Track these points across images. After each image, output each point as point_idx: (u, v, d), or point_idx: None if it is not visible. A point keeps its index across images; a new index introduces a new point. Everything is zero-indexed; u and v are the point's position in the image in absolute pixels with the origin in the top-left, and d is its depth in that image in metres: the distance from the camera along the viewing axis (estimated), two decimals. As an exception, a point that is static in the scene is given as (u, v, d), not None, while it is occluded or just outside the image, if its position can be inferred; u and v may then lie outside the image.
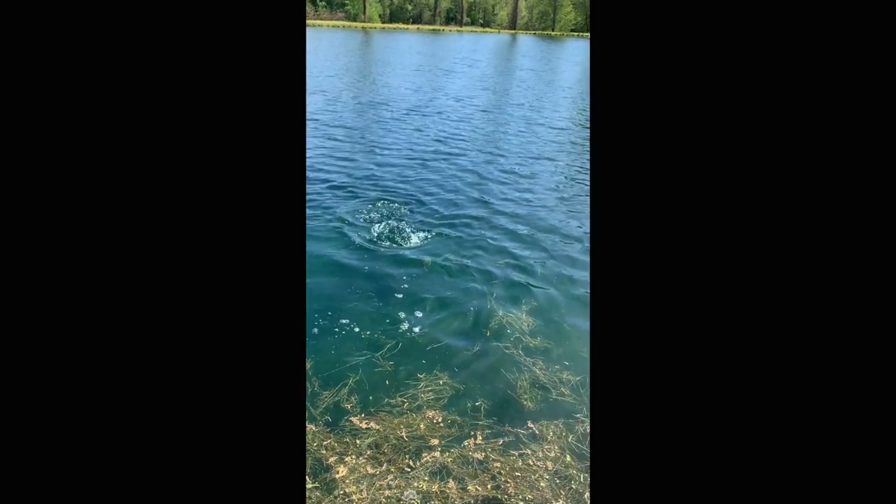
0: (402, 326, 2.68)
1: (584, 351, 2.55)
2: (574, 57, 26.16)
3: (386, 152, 6.19)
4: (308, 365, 2.34)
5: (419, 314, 2.80)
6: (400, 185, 4.99)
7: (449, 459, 1.91)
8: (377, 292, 2.98)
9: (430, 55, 23.16)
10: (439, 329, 2.68)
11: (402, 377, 2.31)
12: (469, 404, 2.18)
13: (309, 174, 5.07)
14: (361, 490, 1.76)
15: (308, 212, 4.11)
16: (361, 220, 4.04)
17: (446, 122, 8.19)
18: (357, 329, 2.63)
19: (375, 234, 3.72)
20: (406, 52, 24.38)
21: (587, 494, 1.79)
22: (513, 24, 69.47)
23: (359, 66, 16.76)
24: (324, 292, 2.95)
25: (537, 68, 18.91)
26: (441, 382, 2.29)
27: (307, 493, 1.74)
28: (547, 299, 3.03)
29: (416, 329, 2.67)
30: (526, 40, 43.20)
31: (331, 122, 7.67)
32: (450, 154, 6.27)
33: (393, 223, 3.94)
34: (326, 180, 5.00)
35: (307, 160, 5.70)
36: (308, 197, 4.50)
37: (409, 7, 74.55)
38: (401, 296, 2.96)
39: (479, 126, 8.05)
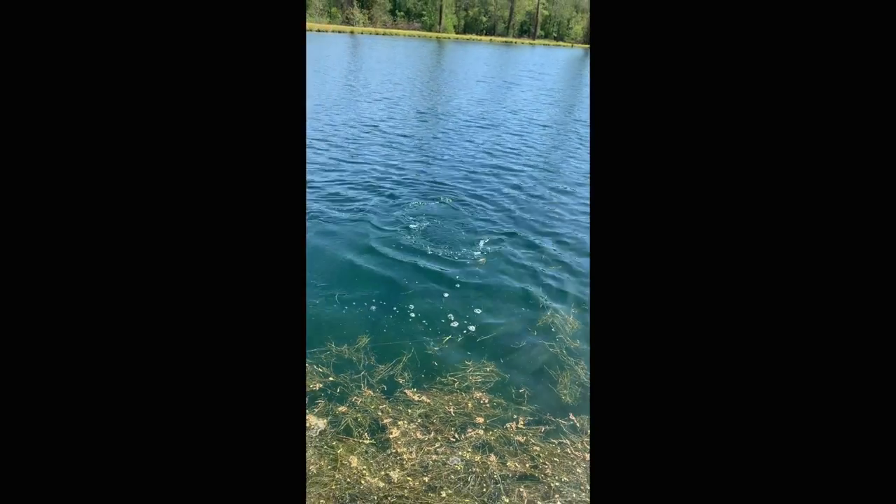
0: (454, 317, 2.88)
1: None
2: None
3: (440, 162, 6.45)
4: (366, 340, 2.59)
5: (472, 308, 2.98)
6: (456, 193, 5.21)
7: (492, 437, 2.07)
8: (431, 288, 3.20)
9: (498, 66, 23.43)
10: (490, 324, 2.85)
11: (452, 361, 2.50)
12: (513, 391, 2.34)
13: (361, 178, 5.38)
14: (412, 452, 1.97)
15: (363, 214, 4.42)
16: (418, 224, 4.29)
17: (504, 135, 8.35)
18: (413, 315, 2.85)
19: (430, 237, 3.95)
20: (473, 63, 24.79)
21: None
22: (587, 39, 68.48)
23: (426, 75, 17.30)
24: (383, 278, 3.21)
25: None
26: (488, 370, 2.46)
27: (365, 448, 1.96)
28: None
29: (468, 320, 2.85)
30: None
31: (389, 130, 8.04)
32: (502, 168, 6.42)
33: (447, 227, 4.16)
34: (378, 186, 5.32)
35: (365, 164, 6.06)
36: (363, 200, 4.83)
37: (484, 19, 75.53)
38: (455, 292, 3.16)
39: (537, 141, 8.14)
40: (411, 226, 4.13)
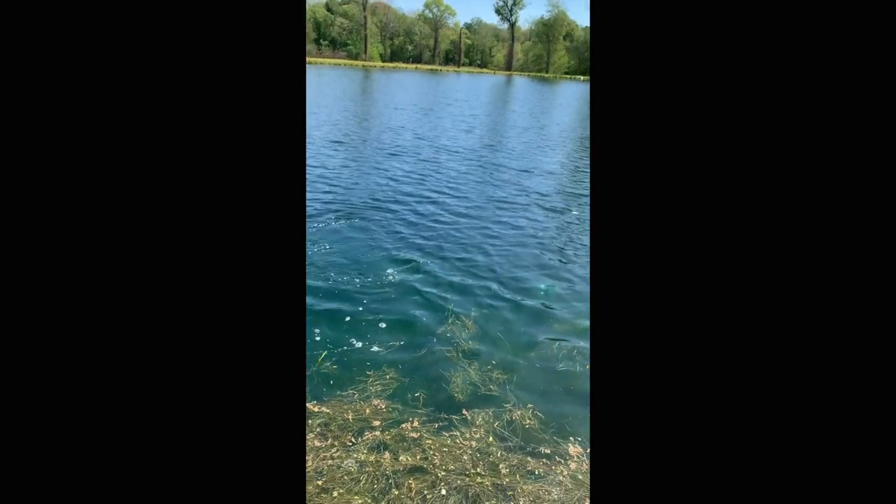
0: (357, 336, 3.02)
1: (512, 353, 2.91)
2: (535, 99, 27.21)
3: (346, 191, 6.61)
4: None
5: (377, 325, 3.14)
6: (362, 219, 5.39)
7: (387, 437, 2.22)
8: (336, 310, 3.33)
9: (421, 93, 24.15)
10: (393, 338, 3.02)
11: (353, 374, 2.64)
12: (410, 395, 2.51)
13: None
14: (308, 460, 2.07)
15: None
16: (319, 249, 4.42)
17: (416, 161, 8.64)
18: (319, 338, 2.96)
19: (330, 257, 4.09)
20: (395, 90, 25.36)
21: (502, 465, 2.10)
22: (509, 66, 72.17)
23: (346, 103, 17.51)
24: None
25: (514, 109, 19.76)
26: (388, 378, 2.62)
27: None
28: (491, 310, 3.39)
29: (370, 338, 3.01)
30: (520, 81, 44.92)
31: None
32: (409, 194, 6.69)
33: (350, 252, 4.33)
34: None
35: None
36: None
37: (410, 47, 77.51)
38: (358, 313, 3.31)
39: (446, 167, 8.53)
40: (313, 252, 4.23)
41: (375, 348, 2.87)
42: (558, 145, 10.86)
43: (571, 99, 26.44)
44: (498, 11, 71.80)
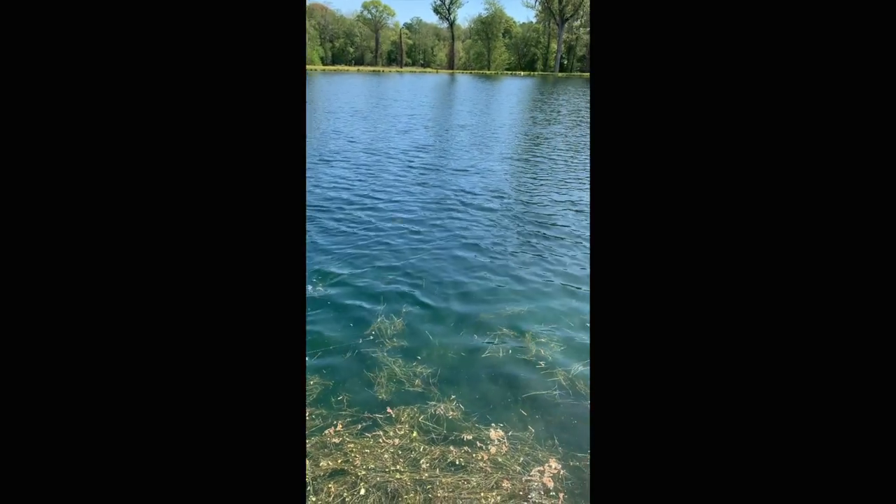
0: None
1: (439, 349, 2.95)
2: (472, 95, 27.64)
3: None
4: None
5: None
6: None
7: (308, 446, 2.20)
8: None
9: (361, 95, 23.91)
10: (317, 343, 2.99)
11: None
12: (334, 399, 2.49)
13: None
14: (223, 476, 2.02)
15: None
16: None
17: (346, 168, 8.57)
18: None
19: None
20: (336, 94, 25.00)
21: (423, 460, 2.13)
22: (451, 64, 72.66)
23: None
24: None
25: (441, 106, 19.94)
26: (312, 384, 2.59)
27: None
28: (419, 310, 3.42)
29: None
30: (462, 79, 45.32)
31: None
32: (338, 199, 6.63)
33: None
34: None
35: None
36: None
37: (351, 49, 76.45)
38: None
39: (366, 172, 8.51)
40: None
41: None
42: (497, 142, 11.04)
43: (510, 94, 26.96)
44: (436, 10, 72.09)
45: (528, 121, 14.92)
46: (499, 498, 1.96)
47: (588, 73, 61.05)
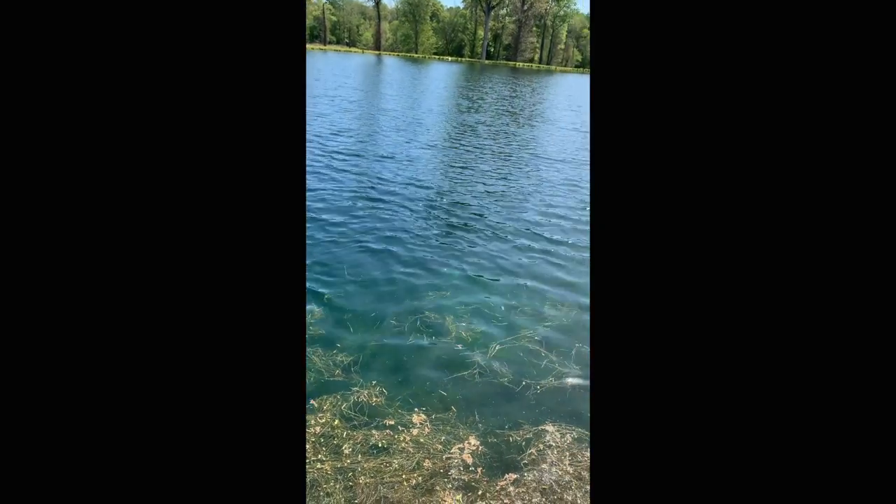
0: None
1: (360, 337, 2.96)
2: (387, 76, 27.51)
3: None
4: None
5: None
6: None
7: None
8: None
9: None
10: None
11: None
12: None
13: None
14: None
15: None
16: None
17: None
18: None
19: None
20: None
21: (345, 446, 2.14)
22: (377, 45, 70.87)
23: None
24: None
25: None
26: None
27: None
28: (340, 299, 3.39)
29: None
30: (389, 61, 44.43)
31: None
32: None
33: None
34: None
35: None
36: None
37: (269, 23, 71.57)
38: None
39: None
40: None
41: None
42: (422, 128, 11.02)
43: (437, 80, 26.92)
44: (362, -12, 69.59)
45: (454, 108, 15.02)
46: (420, 478, 2.03)
47: (513, 62, 62.54)
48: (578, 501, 1.99)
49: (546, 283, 3.84)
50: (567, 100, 21.13)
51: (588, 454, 2.25)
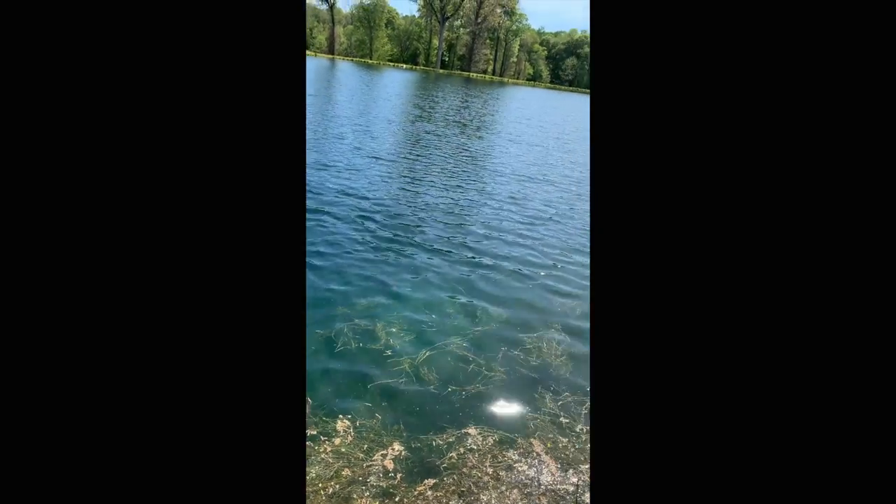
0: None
1: None
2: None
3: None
4: None
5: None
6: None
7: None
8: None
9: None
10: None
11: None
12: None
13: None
14: None
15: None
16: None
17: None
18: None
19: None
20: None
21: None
22: (331, 49, 69.97)
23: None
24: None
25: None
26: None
27: None
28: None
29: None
30: (344, 66, 43.98)
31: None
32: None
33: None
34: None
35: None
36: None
37: (217, 21, 68.99)
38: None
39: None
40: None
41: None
42: (370, 138, 10.98)
43: (390, 87, 26.93)
44: (316, -9, 68.62)
45: (405, 117, 15.08)
46: (337, 486, 2.03)
47: (467, 72, 63.55)
48: (493, 502, 2.06)
49: (478, 295, 3.95)
50: (517, 112, 21.74)
51: (508, 454, 2.33)
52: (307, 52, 68.46)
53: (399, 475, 2.13)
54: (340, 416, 2.42)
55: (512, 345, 3.22)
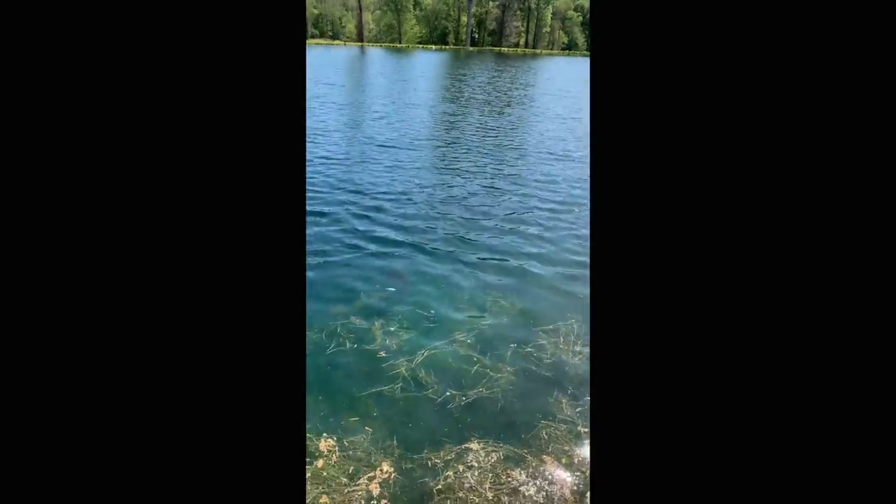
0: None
1: None
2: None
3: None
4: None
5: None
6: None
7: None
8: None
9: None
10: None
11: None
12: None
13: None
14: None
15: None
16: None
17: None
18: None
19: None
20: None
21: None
22: (360, 37, 69.94)
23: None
24: None
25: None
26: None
27: None
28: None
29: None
30: (374, 53, 43.77)
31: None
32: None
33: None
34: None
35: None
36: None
37: (249, 19, 70.57)
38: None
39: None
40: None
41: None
42: (405, 129, 10.69)
43: (423, 70, 26.45)
44: (342, -21, 68.37)
45: (438, 103, 14.65)
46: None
47: (498, 47, 61.79)
48: (491, 535, 1.75)
49: (487, 285, 3.59)
50: (550, 84, 20.74)
51: (514, 474, 2.01)
52: (337, 41, 68.84)
53: (384, 502, 1.86)
54: (325, 434, 2.16)
55: (522, 341, 2.85)
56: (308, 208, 4.92)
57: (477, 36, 68.32)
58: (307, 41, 66.24)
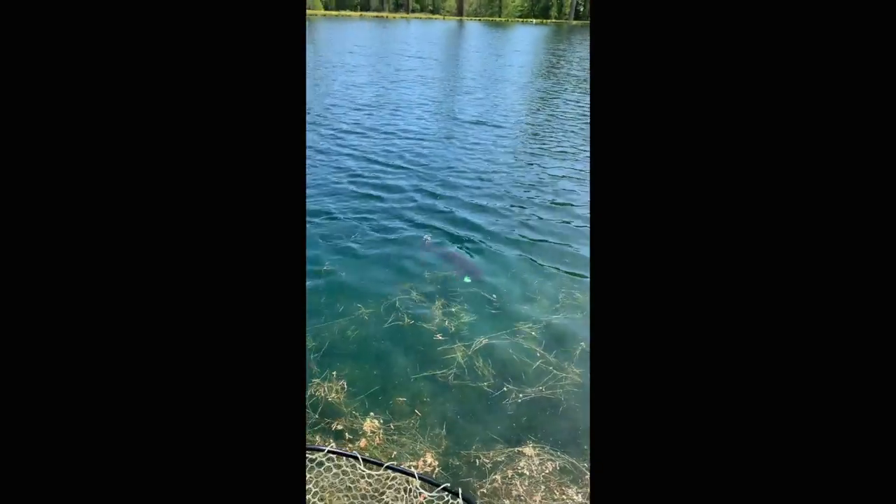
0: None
1: (326, 320, 2.65)
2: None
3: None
4: None
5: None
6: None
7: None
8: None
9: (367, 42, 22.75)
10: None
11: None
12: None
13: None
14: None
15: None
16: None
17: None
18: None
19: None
20: (325, 42, 23.89)
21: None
22: (460, 11, 69.21)
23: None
24: None
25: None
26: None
27: None
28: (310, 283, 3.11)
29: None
30: (471, 27, 43.09)
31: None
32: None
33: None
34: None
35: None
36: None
37: (356, -6, 72.92)
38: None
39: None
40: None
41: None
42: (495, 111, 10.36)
43: (517, 46, 25.51)
44: (446, -49, 67.64)
45: (533, 79, 14.05)
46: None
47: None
48: (535, 557, 1.55)
49: (564, 274, 3.28)
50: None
51: (570, 492, 1.78)
52: (437, 15, 68.74)
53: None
54: (372, 413, 2.08)
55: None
56: (376, 182, 4.88)
57: (582, 9, 64.39)
58: (408, 15, 66.94)
